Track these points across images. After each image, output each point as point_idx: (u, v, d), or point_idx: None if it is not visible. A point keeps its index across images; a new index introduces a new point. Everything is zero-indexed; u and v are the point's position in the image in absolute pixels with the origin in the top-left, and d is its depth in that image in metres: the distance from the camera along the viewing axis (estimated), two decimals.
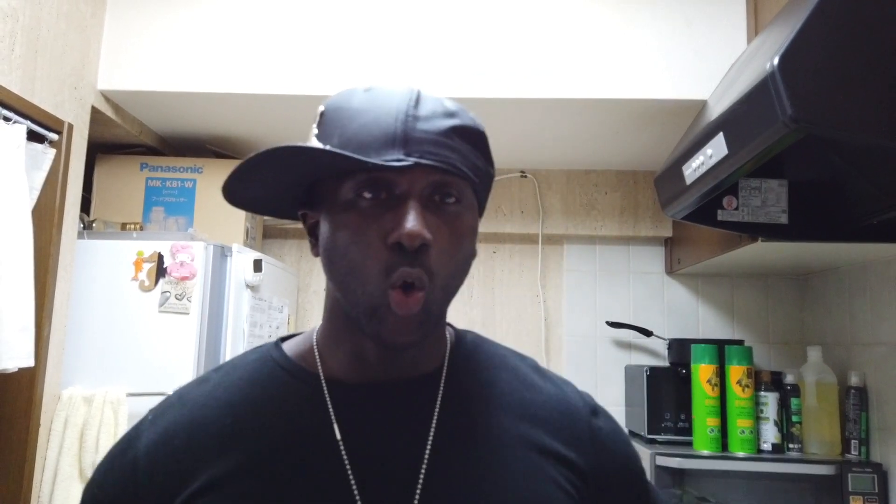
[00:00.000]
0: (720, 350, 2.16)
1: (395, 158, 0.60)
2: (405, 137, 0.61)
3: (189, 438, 0.65)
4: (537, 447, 0.68)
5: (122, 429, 1.81)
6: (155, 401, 2.06)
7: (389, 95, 0.64)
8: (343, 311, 0.67)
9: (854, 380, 2.08)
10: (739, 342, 2.31)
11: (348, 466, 0.63)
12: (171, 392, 0.75)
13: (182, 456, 0.64)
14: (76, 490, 1.77)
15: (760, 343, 2.53)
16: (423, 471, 0.63)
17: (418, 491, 0.62)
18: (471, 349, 0.75)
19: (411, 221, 0.60)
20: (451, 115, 0.65)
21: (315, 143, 0.64)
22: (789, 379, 2.17)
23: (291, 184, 0.67)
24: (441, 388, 0.69)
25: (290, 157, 0.60)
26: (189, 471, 0.63)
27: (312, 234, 0.70)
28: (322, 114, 0.67)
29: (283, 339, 0.75)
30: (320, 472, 0.63)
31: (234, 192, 0.64)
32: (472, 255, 0.67)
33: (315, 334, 0.73)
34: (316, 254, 0.69)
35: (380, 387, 0.67)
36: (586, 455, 0.70)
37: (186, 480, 0.63)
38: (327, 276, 0.66)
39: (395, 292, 0.61)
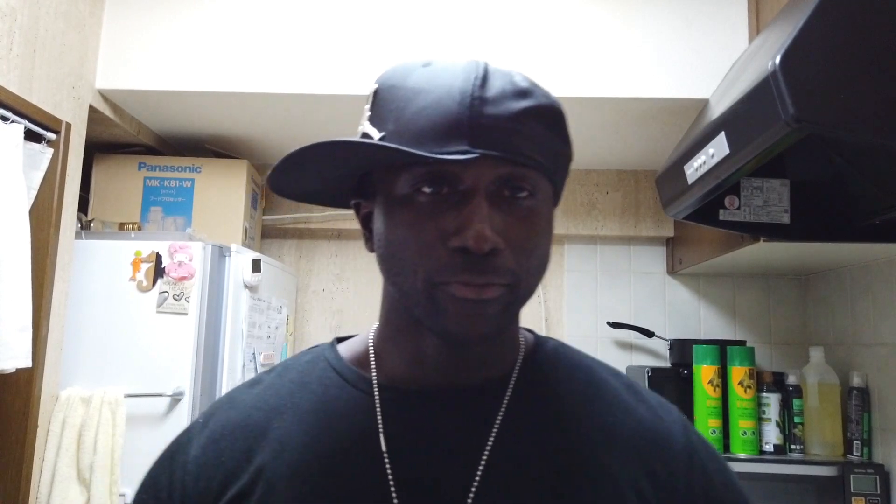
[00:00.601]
0: (722, 351, 2.15)
1: (459, 150, 0.53)
2: (471, 124, 0.53)
3: (234, 441, 0.62)
4: (614, 480, 0.58)
5: (121, 429, 1.80)
6: (153, 402, 2.05)
7: (451, 72, 0.57)
8: (401, 310, 0.62)
9: (856, 380, 2.07)
10: (741, 343, 2.30)
11: (392, 482, 0.57)
12: (169, 392, 0.75)
13: (226, 459, 0.61)
14: (74, 491, 1.76)
15: (762, 344, 2.52)
16: (472, 493, 0.56)
17: None
18: (550, 357, 0.67)
19: (477, 224, 0.52)
20: (523, 94, 0.57)
21: (367, 127, 0.59)
22: (791, 380, 2.16)
23: (342, 176, 0.62)
24: (506, 398, 0.61)
25: (338, 153, 0.55)
26: (231, 475, 0.60)
27: (366, 225, 0.64)
28: (375, 93, 0.60)
29: (340, 339, 0.71)
30: (362, 486, 0.57)
31: (280, 187, 0.60)
32: (549, 253, 0.60)
33: (372, 335, 0.67)
34: (370, 249, 0.63)
35: (436, 393, 0.61)
36: (679, 500, 0.60)
37: (227, 485, 0.60)
38: (382, 274, 0.60)
39: (456, 284, 0.54)
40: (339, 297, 2.67)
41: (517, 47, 1.91)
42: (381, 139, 0.56)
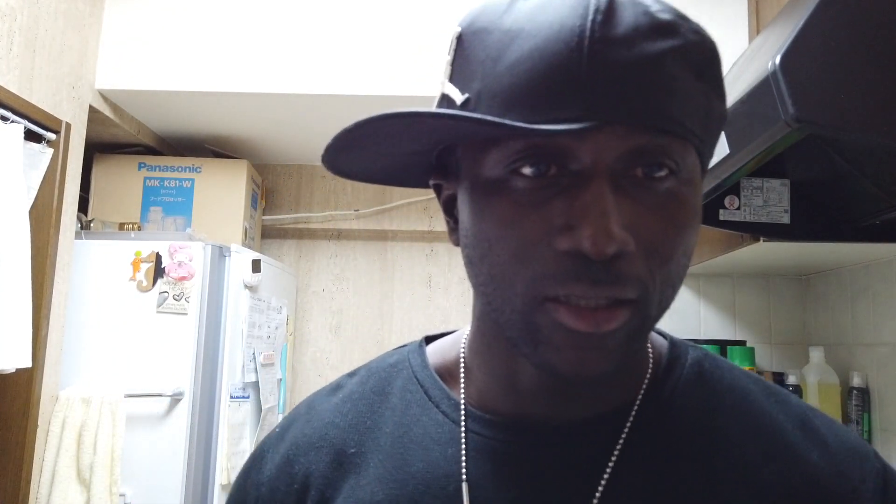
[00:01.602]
0: (722, 351, 2.15)
1: (571, 117, 0.38)
2: (590, 78, 0.38)
3: (308, 464, 0.53)
4: None
5: (120, 430, 1.80)
6: (153, 402, 2.04)
7: (563, 3, 0.40)
8: (492, 322, 0.48)
9: (856, 380, 2.06)
10: (741, 343, 2.30)
11: None
12: (169, 393, 0.72)
13: (298, 485, 0.53)
14: (74, 491, 1.76)
15: (762, 343, 2.52)
16: None
17: None
18: (689, 377, 0.51)
19: (597, 218, 0.38)
20: (664, 29, 0.41)
21: (448, 87, 0.45)
22: (791, 380, 2.16)
23: (416, 152, 0.47)
24: (622, 440, 0.47)
25: (401, 130, 0.41)
26: (301, 498, 0.52)
27: (449, 212, 0.50)
28: (458, 39, 0.45)
29: (430, 338, 0.59)
30: None
31: (338, 166, 0.46)
32: (690, 255, 0.45)
33: (464, 341, 0.55)
34: (455, 242, 0.49)
35: (534, 428, 0.48)
36: None
37: None
38: (468, 276, 0.47)
39: (564, 308, 0.40)
40: (338, 297, 2.66)
41: None
42: (463, 103, 0.42)
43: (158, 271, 1.93)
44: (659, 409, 0.49)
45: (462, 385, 0.52)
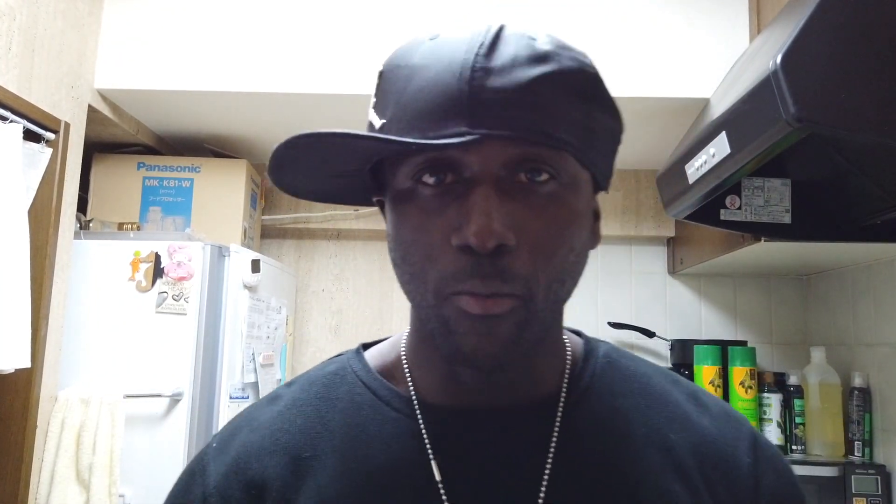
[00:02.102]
0: (723, 351, 2.15)
1: (455, 132, 0.45)
2: (470, 101, 0.46)
3: (262, 469, 0.55)
4: None
5: (120, 430, 1.80)
6: (152, 402, 2.04)
7: (456, 42, 0.49)
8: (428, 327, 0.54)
9: (858, 381, 2.06)
10: (742, 343, 2.29)
11: None
12: (168, 393, 0.71)
13: (256, 487, 0.54)
14: (73, 492, 1.76)
15: (763, 344, 2.52)
16: None
17: None
18: (602, 368, 0.60)
19: (479, 216, 0.45)
20: (540, 59, 0.48)
21: (372, 115, 0.52)
22: (792, 380, 2.16)
23: (349, 172, 0.54)
24: (558, 419, 0.55)
25: (317, 148, 0.47)
26: (259, 503, 0.54)
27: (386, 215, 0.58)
28: (380, 76, 0.53)
29: (366, 345, 0.64)
30: None
31: (284, 185, 0.53)
32: (584, 246, 0.53)
33: (404, 342, 0.60)
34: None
35: (483, 416, 0.54)
36: None
37: None
38: (397, 277, 0.53)
39: (463, 297, 0.47)
40: (338, 298, 2.66)
41: None
42: (381, 128, 0.50)
43: (157, 271, 1.92)
44: (582, 394, 0.57)
45: (410, 385, 0.57)
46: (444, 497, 0.51)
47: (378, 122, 0.51)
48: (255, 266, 2.07)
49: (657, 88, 1.88)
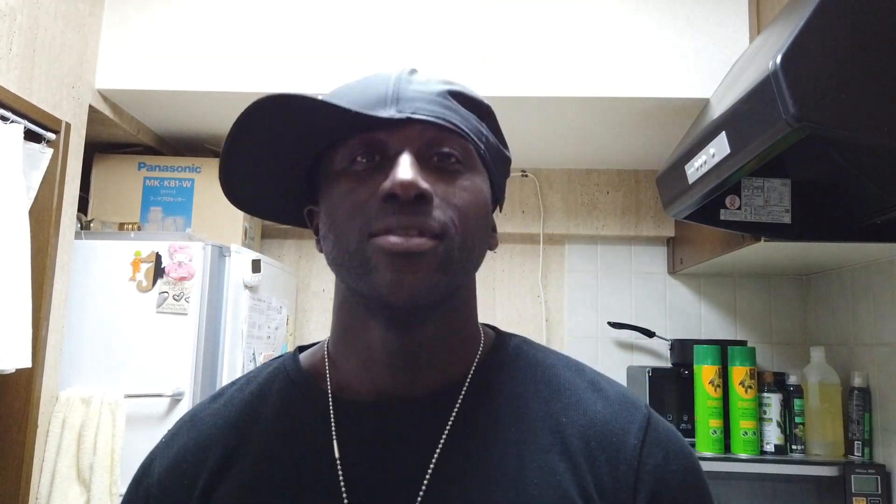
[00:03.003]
0: (723, 351, 2.15)
1: (385, 116, 0.56)
2: (397, 97, 0.58)
3: (197, 462, 0.62)
4: (561, 488, 0.56)
5: (120, 430, 1.80)
6: (153, 402, 2.04)
7: (383, 72, 0.62)
8: (347, 305, 0.62)
9: (857, 380, 2.06)
10: (742, 343, 2.29)
11: (344, 492, 0.57)
12: (169, 393, 0.76)
13: (189, 480, 0.62)
14: (74, 491, 1.76)
15: (763, 344, 2.52)
16: (418, 502, 0.56)
17: None
18: (511, 357, 0.65)
19: (403, 170, 0.54)
20: (448, 83, 0.61)
21: None
22: (792, 380, 2.16)
23: (288, 167, 0.63)
24: (458, 403, 0.60)
25: (275, 114, 0.55)
26: (193, 493, 0.61)
27: (317, 231, 0.65)
28: None
29: (303, 347, 0.71)
30: (316, 496, 0.57)
31: (232, 187, 0.61)
32: (486, 223, 0.61)
33: (327, 343, 0.67)
34: (320, 249, 0.64)
35: (388, 403, 0.60)
36: (622, 500, 0.57)
37: (191, 502, 0.60)
38: (327, 261, 0.61)
39: (387, 237, 0.54)
40: None
41: (517, 46, 1.91)
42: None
43: (158, 271, 1.93)
44: (486, 380, 0.62)
45: (328, 378, 0.63)
46: (341, 478, 0.57)
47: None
48: (256, 266, 2.07)
49: (657, 88, 1.88)
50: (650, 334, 2.51)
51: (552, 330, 2.61)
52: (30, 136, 1.68)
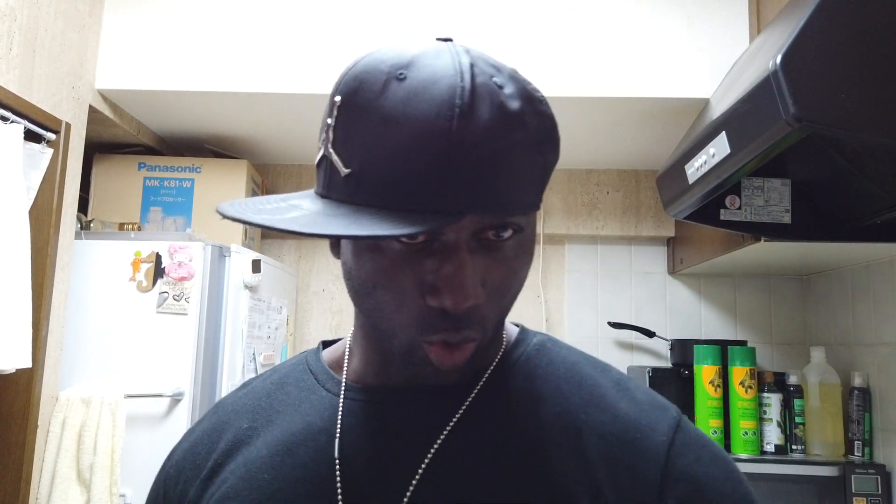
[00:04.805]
0: (723, 351, 2.15)
1: (436, 209, 0.46)
2: (452, 178, 0.46)
3: (211, 443, 0.64)
4: (565, 487, 0.53)
5: (120, 430, 1.80)
6: (153, 402, 2.04)
7: (432, 97, 0.47)
8: (369, 324, 0.60)
9: (857, 380, 2.06)
10: (742, 343, 2.29)
11: (339, 480, 0.56)
12: (169, 393, 0.77)
13: (202, 459, 0.64)
14: (74, 491, 1.76)
15: (763, 344, 2.52)
16: (407, 496, 0.55)
17: None
18: (532, 353, 0.63)
19: (459, 288, 0.49)
20: (513, 123, 0.49)
21: (332, 152, 0.51)
22: (792, 380, 2.16)
23: None
24: (471, 397, 0.58)
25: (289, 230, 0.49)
26: (202, 471, 0.63)
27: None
28: (339, 106, 0.51)
29: (326, 342, 0.71)
30: (311, 484, 0.57)
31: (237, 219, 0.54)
32: (526, 275, 0.57)
33: (350, 338, 0.67)
34: (336, 255, 0.59)
35: (399, 391, 0.59)
36: (642, 499, 0.53)
37: (201, 485, 0.62)
38: (351, 297, 0.57)
39: (434, 347, 0.52)
40: (339, 297, 2.66)
41: (517, 47, 1.91)
42: (346, 176, 0.50)
43: (158, 271, 1.93)
44: (504, 375, 0.60)
45: (345, 369, 0.64)
46: (337, 464, 0.57)
47: (343, 171, 0.50)
48: (256, 266, 2.07)
49: (657, 88, 1.88)
50: (650, 334, 2.51)
51: (552, 330, 2.61)
52: (30, 136, 1.68)
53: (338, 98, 0.51)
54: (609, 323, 2.55)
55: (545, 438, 0.56)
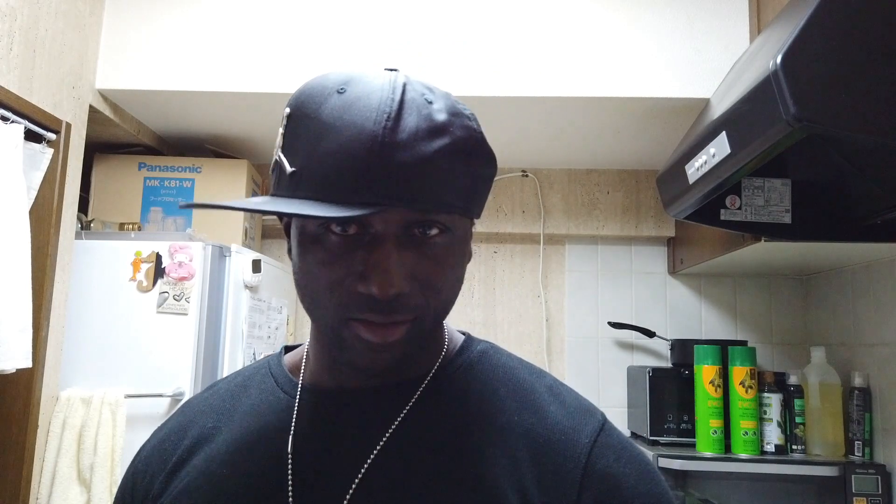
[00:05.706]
0: (723, 351, 2.15)
1: (365, 201, 0.52)
2: (379, 174, 0.52)
3: (176, 440, 0.68)
4: (496, 486, 0.57)
5: (121, 430, 1.80)
6: (153, 402, 2.04)
7: (364, 106, 0.54)
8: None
9: (858, 380, 2.06)
10: (742, 343, 2.30)
11: (290, 479, 0.60)
12: (169, 393, 0.79)
13: (167, 455, 0.67)
14: (74, 491, 1.76)
15: (763, 344, 2.52)
16: (349, 494, 0.58)
17: None
18: (474, 359, 0.67)
19: (382, 274, 0.53)
20: (438, 131, 0.54)
21: (280, 154, 0.58)
22: (793, 380, 2.16)
23: None
24: (413, 399, 0.62)
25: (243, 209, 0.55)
26: (167, 467, 0.66)
27: (287, 233, 0.64)
28: (288, 116, 0.58)
29: (288, 347, 0.75)
30: (265, 479, 0.61)
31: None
32: (460, 279, 0.61)
33: (308, 343, 0.71)
34: (290, 257, 0.64)
35: (349, 393, 0.64)
36: (561, 496, 0.57)
37: (163, 483, 0.66)
38: (298, 296, 0.62)
39: (362, 325, 0.56)
40: None
41: (517, 47, 1.91)
42: (291, 174, 0.56)
43: (158, 271, 1.93)
44: (445, 380, 0.64)
45: (302, 372, 0.68)
46: (290, 463, 0.61)
47: (289, 169, 0.56)
48: (256, 266, 2.07)
49: (657, 88, 1.88)
50: (650, 334, 2.51)
51: (552, 330, 2.61)
52: (30, 136, 1.68)
53: (287, 110, 0.58)
54: (609, 323, 2.55)
55: (480, 440, 0.60)
